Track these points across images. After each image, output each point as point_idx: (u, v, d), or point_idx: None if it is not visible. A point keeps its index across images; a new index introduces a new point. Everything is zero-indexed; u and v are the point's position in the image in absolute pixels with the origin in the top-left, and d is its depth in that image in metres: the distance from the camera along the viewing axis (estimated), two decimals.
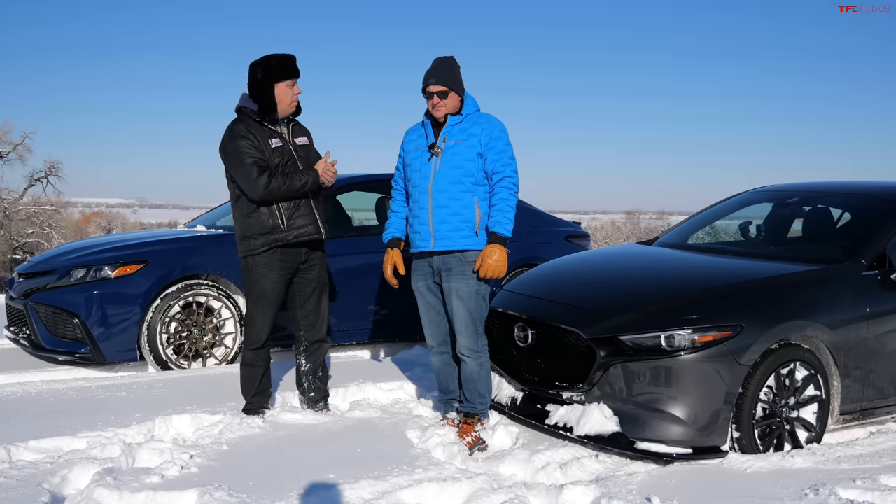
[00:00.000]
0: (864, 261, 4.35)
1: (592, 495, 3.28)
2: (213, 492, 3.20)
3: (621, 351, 3.86)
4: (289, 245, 4.23)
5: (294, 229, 4.21)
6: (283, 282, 4.30)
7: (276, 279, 4.26)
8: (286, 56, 4.23)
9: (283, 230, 4.19)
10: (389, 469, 3.57)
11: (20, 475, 3.39)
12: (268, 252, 4.20)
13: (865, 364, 4.19)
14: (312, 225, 4.25)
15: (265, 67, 4.17)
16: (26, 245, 35.75)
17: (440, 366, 4.32)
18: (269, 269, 4.24)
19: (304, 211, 4.23)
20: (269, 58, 4.20)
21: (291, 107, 4.26)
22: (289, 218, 4.19)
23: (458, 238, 4.02)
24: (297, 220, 4.21)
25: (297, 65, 4.25)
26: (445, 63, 4.06)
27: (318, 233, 4.28)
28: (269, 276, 4.25)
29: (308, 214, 4.25)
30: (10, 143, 36.54)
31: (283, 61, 4.20)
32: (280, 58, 4.20)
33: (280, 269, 4.26)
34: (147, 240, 6.02)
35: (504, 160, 4.02)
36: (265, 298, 4.27)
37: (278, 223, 4.18)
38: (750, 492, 3.31)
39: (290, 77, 4.21)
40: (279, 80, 4.17)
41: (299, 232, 4.22)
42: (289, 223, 4.19)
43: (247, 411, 4.35)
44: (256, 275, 4.26)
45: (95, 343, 5.51)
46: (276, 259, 4.23)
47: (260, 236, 4.20)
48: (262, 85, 4.16)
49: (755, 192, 5.79)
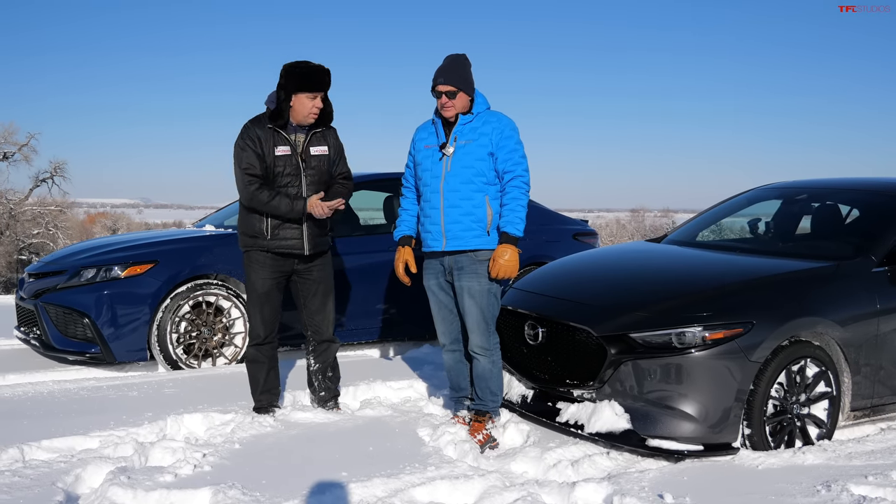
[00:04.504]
0: (874, 257, 4.35)
1: (605, 492, 3.28)
2: (227, 490, 3.22)
3: (632, 348, 3.87)
4: (274, 253, 4.23)
5: (276, 240, 4.20)
6: (274, 280, 4.29)
7: (266, 276, 4.26)
8: (312, 68, 4.10)
9: (266, 238, 4.19)
10: (402, 467, 3.58)
11: (34, 474, 3.41)
12: (257, 250, 4.23)
13: (876, 360, 4.19)
14: (297, 240, 4.21)
15: (287, 74, 4.09)
16: (32, 246, 35.82)
17: (452, 363, 4.32)
18: (260, 267, 4.26)
19: (292, 226, 4.19)
20: (296, 65, 4.10)
21: (309, 118, 4.16)
22: (273, 227, 4.18)
23: (471, 238, 4.02)
24: (282, 231, 4.19)
25: (325, 78, 4.13)
26: (456, 62, 4.04)
27: (301, 248, 4.22)
28: (259, 273, 4.26)
29: (295, 229, 4.20)
30: (15, 144, 36.58)
31: (304, 74, 4.08)
32: (304, 69, 4.09)
33: (272, 268, 4.26)
34: (156, 240, 6.04)
35: (515, 159, 4.02)
36: (255, 294, 4.30)
37: (263, 230, 4.19)
38: (761, 488, 3.31)
39: (310, 90, 4.10)
40: (297, 91, 4.09)
41: (281, 244, 4.21)
42: (272, 233, 4.18)
43: (257, 410, 4.36)
44: (249, 270, 4.31)
45: (106, 343, 5.53)
46: (267, 258, 4.25)
47: (248, 236, 4.25)
48: (281, 91, 4.10)
49: (764, 190, 5.79)
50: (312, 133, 4.25)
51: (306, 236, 4.23)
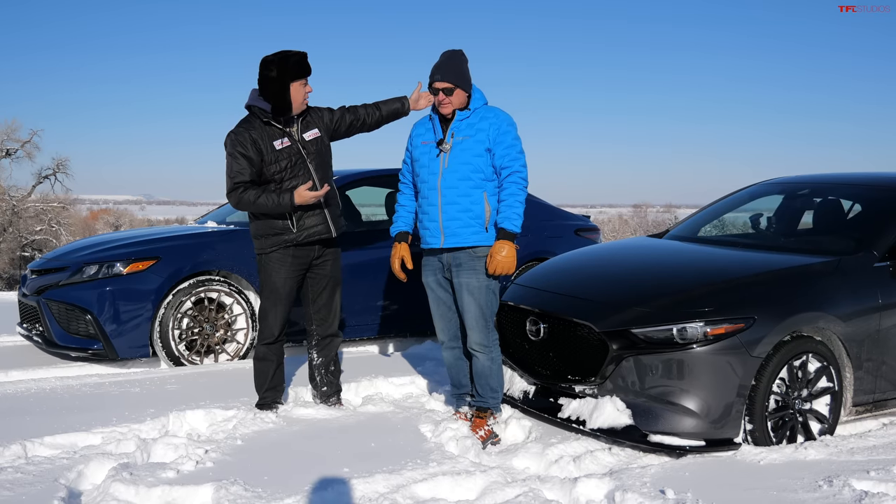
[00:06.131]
0: (875, 252, 4.34)
1: (606, 488, 3.29)
2: (229, 486, 3.23)
3: (634, 344, 3.87)
4: (300, 244, 4.24)
5: (304, 229, 4.21)
6: (294, 278, 4.31)
7: (287, 275, 4.27)
8: (302, 53, 4.15)
9: (292, 231, 4.19)
10: (403, 463, 3.58)
11: (37, 471, 3.42)
12: (280, 249, 4.22)
13: (878, 355, 4.19)
14: (323, 224, 4.25)
15: (281, 65, 4.06)
16: (35, 242, 35.86)
17: (452, 360, 4.32)
18: (281, 265, 4.25)
19: (315, 211, 4.22)
20: (286, 55, 4.09)
21: (303, 105, 4.21)
22: (298, 219, 4.19)
23: (469, 234, 4.01)
24: (307, 219, 4.20)
25: (308, 62, 4.19)
26: (452, 58, 4.02)
27: (328, 232, 4.27)
28: (280, 272, 4.26)
29: (318, 214, 4.23)
30: (18, 141, 36.62)
31: (300, 60, 4.11)
32: (297, 56, 4.11)
33: (293, 265, 4.27)
34: (158, 236, 6.04)
35: (513, 155, 4.01)
36: (277, 294, 4.29)
37: (288, 225, 4.18)
38: (763, 484, 3.31)
39: (305, 75, 4.15)
40: (294, 80, 4.10)
41: (310, 232, 4.22)
42: (298, 224, 4.19)
43: (260, 406, 4.37)
44: (269, 271, 4.27)
45: (108, 339, 5.54)
46: (288, 255, 4.25)
47: (270, 237, 4.22)
48: (277, 83, 4.07)
49: (765, 185, 5.78)
50: (302, 119, 4.26)
51: (330, 219, 4.26)
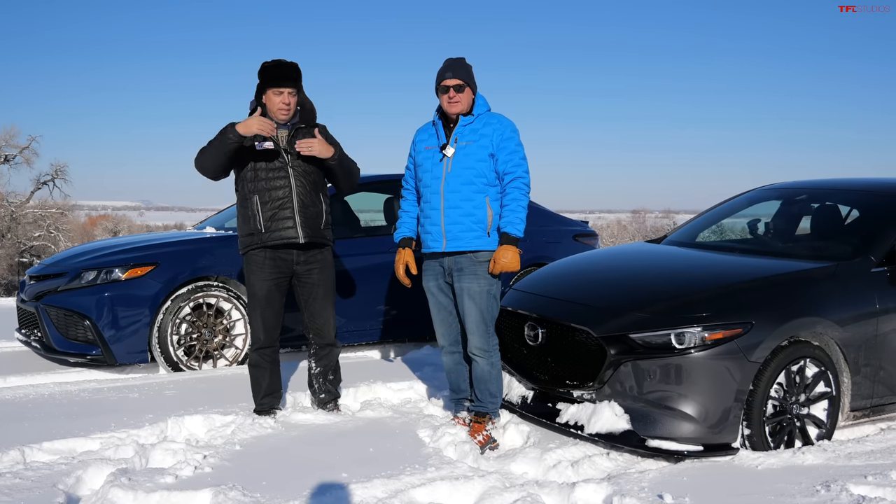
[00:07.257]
0: (873, 257, 4.35)
1: (604, 493, 3.29)
2: (227, 491, 3.22)
3: (632, 349, 3.87)
4: (269, 247, 4.23)
5: (271, 231, 4.20)
6: (273, 282, 4.28)
7: (265, 278, 4.26)
8: (276, 64, 4.17)
9: (261, 232, 4.20)
10: (402, 468, 3.58)
11: (35, 476, 3.42)
12: (257, 251, 4.23)
13: (875, 360, 4.20)
14: (291, 229, 4.21)
15: (259, 72, 4.19)
16: (33, 248, 35.85)
17: (451, 365, 4.33)
18: (259, 269, 4.25)
19: (285, 215, 4.20)
20: (265, 64, 4.19)
21: (279, 114, 4.20)
22: (266, 220, 4.19)
23: (471, 239, 4.02)
24: (275, 223, 4.19)
25: (290, 73, 4.17)
26: (460, 61, 4.10)
27: (295, 237, 4.21)
28: (258, 276, 4.26)
29: (288, 219, 4.20)
30: (16, 147, 36.66)
31: (268, 69, 4.17)
32: (268, 66, 4.17)
33: (272, 269, 4.26)
34: (157, 242, 6.05)
35: (516, 160, 4.03)
36: (255, 298, 4.29)
37: (258, 226, 4.19)
38: (761, 488, 3.32)
39: (276, 85, 4.15)
40: (268, 87, 4.17)
41: (275, 235, 4.20)
42: (266, 225, 4.19)
43: (258, 412, 4.37)
44: (248, 274, 4.30)
45: (107, 345, 5.54)
46: (267, 259, 4.25)
47: (244, 236, 4.26)
48: (258, 89, 4.21)
49: (763, 190, 5.79)
50: (296, 129, 4.28)
51: (299, 223, 4.20)
